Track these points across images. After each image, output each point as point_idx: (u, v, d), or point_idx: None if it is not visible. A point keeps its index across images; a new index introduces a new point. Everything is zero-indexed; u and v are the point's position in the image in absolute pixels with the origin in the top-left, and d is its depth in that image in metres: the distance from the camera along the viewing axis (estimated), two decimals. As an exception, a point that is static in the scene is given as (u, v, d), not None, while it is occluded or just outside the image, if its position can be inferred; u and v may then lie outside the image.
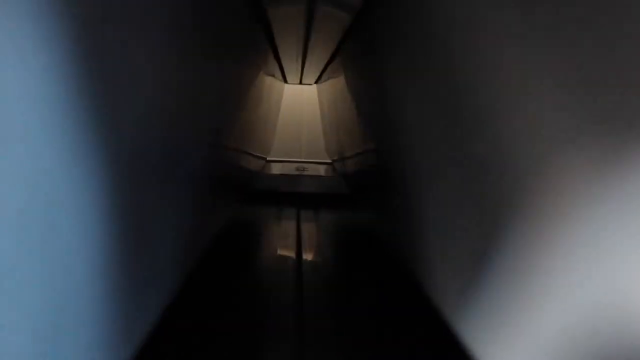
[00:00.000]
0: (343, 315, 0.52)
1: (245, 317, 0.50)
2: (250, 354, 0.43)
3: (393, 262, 0.64)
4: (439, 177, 0.39)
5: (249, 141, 0.89)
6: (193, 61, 0.39)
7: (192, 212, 0.46)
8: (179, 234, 0.40)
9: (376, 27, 0.54)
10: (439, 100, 0.37)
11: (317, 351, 0.44)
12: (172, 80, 0.34)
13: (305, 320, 0.50)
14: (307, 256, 0.73)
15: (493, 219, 0.29)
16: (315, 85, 1.44)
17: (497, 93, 0.28)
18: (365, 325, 0.49)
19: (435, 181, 0.40)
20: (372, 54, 0.60)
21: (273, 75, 1.10)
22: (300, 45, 0.75)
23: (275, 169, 1.25)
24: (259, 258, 0.72)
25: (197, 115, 0.44)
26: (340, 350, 0.44)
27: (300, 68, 1.04)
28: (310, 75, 1.19)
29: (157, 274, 0.34)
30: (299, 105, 1.49)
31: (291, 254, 0.73)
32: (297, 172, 1.22)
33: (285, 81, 1.35)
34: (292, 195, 1.16)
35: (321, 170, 1.28)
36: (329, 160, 1.40)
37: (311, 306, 0.54)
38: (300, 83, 1.41)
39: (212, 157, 0.56)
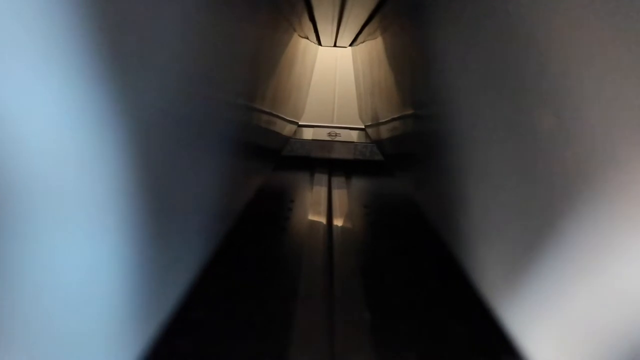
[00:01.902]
0: (371, 275, 0.51)
1: (277, 275, 0.50)
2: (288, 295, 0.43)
3: (427, 232, 0.62)
4: (486, 147, 0.37)
5: (282, 106, 0.87)
6: (224, 22, 0.37)
7: (226, 179, 0.45)
8: (212, 201, 0.39)
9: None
10: (492, 62, 0.34)
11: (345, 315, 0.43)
12: (203, 42, 0.33)
13: (334, 282, 0.49)
14: (338, 222, 0.72)
15: (550, 198, 0.27)
16: (349, 47, 1.40)
17: (568, 55, 0.25)
18: (395, 292, 0.48)
19: (482, 151, 0.38)
20: (413, 13, 0.57)
21: (307, 38, 1.06)
22: (337, 4, 0.71)
23: (307, 135, 1.23)
24: (290, 224, 0.71)
25: (230, 79, 0.43)
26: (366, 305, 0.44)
27: (335, 29, 1.00)
28: (346, 37, 1.15)
29: (190, 244, 0.33)
30: (332, 69, 1.46)
31: (322, 219, 0.73)
32: (329, 138, 1.19)
33: (319, 43, 1.31)
34: (323, 161, 1.15)
35: (354, 136, 1.25)
36: (361, 126, 1.37)
37: (341, 268, 0.53)
38: (335, 45, 1.37)
39: (246, 122, 0.55)
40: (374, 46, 0.97)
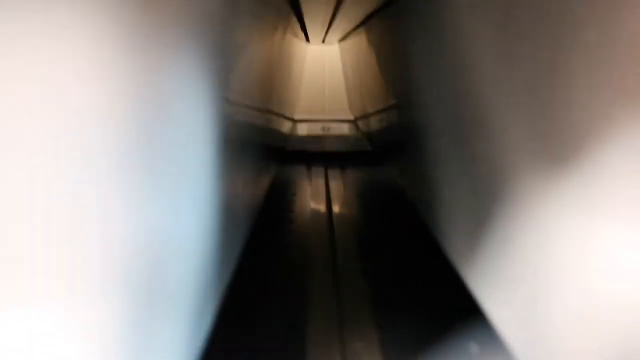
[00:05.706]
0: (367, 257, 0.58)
1: (285, 254, 0.58)
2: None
3: (412, 212, 0.68)
4: (446, 134, 0.45)
5: (281, 104, 0.92)
6: (218, 26, 0.37)
7: (256, 174, 0.49)
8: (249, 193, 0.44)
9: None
10: (450, 70, 0.41)
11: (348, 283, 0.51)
12: (189, 45, 0.29)
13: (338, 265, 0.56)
14: (336, 209, 0.78)
15: (496, 176, 0.33)
16: (337, 44, 1.43)
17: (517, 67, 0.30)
18: (385, 268, 0.55)
19: (445, 137, 0.45)
20: (398, 21, 0.62)
21: (296, 36, 1.09)
22: (330, 10, 0.75)
23: (302, 130, 1.30)
24: (293, 211, 0.78)
25: (223, 78, 0.41)
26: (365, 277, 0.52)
27: (325, 30, 1.04)
28: (335, 36, 1.18)
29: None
30: (321, 64, 1.49)
31: (322, 207, 0.79)
32: (322, 132, 1.27)
33: (308, 41, 1.35)
34: (318, 154, 1.20)
35: (345, 128, 1.31)
36: (351, 118, 1.41)
37: (342, 252, 0.61)
38: (323, 42, 1.40)
39: (261, 125, 0.59)
40: (360, 42, 1.02)
